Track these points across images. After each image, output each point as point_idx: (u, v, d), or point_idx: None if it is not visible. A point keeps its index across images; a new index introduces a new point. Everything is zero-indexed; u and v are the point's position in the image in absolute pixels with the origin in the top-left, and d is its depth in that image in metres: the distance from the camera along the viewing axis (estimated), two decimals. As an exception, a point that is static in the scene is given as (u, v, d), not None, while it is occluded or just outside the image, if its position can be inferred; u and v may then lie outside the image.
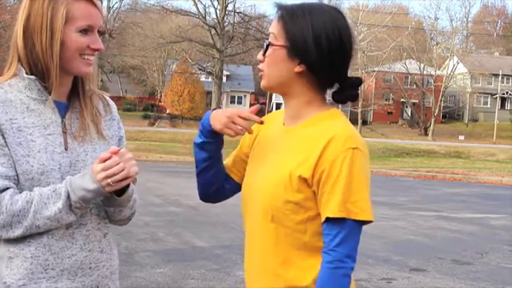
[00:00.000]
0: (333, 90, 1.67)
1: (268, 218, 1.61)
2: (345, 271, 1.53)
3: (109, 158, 1.57)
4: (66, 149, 1.64)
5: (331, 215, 1.53)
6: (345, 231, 1.53)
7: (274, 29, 1.64)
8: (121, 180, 1.58)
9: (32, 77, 1.63)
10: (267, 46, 1.64)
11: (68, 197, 1.57)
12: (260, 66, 1.67)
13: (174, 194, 12.89)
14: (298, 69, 1.61)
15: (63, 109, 1.68)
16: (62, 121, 1.67)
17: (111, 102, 1.84)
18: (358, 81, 1.66)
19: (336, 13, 1.64)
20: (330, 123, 1.61)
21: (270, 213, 1.61)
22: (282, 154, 1.64)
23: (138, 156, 24.80)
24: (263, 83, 1.69)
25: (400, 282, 6.03)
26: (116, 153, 1.57)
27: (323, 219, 1.55)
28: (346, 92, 1.66)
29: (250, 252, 1.72)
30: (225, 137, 1.73)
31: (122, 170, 1.57)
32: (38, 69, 1.63)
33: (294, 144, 1.63)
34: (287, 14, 1.63)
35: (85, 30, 1.64)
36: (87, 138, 1.69)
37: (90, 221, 1.67)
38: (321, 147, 1.55)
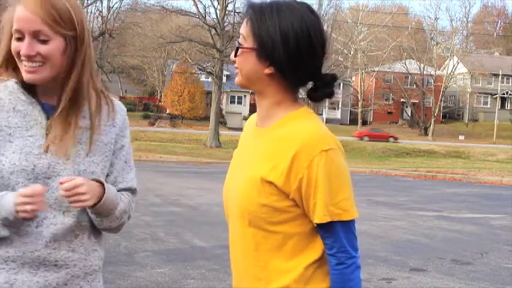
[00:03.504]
0: (308, 88, 1.64)
1: (246, 223, 1.60)
2: (354, 267, 1.56)
3: (64, 182, 1.55)
4: (46, 151, 1.64)
5: (318, 221, 1.54)
6: (337, 233, 1.55)
7: (243, 30, 1.62)
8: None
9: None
10: (237, 48, 1.62)
11: None
12: (235, 65, 1.65)
13: (174, 194, 12.88)
14: (267, 71, 1.58)
15: (50, 111, 1.68)
16: (47, 123, 1.67)
17: (119, 109, 1.80)
18: (333, 79, 1.63)
19: (305, 10, 1.59)
20: (298, 124, 1.58)
21: (246, 218, 1.60)
22: (253, 157, 1.63)
23: (138, 156, 24.81)
24: (237, 80, 1.67)
25: (400, 282, 6.03)
26: (62, 183, 1.55)
27: (315, 224, 1.56)
28: (321, 90, 1.62)
29: (233, 255, 1.72)
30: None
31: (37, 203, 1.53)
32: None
33: (264, 147, 1.61)
34: (255, 14, 1.59)
35: (19, 37, 1.61)
36: (69, 141, 1.67)
37: (61, 223, 1.66)
38: (292, 152, 1.53)
